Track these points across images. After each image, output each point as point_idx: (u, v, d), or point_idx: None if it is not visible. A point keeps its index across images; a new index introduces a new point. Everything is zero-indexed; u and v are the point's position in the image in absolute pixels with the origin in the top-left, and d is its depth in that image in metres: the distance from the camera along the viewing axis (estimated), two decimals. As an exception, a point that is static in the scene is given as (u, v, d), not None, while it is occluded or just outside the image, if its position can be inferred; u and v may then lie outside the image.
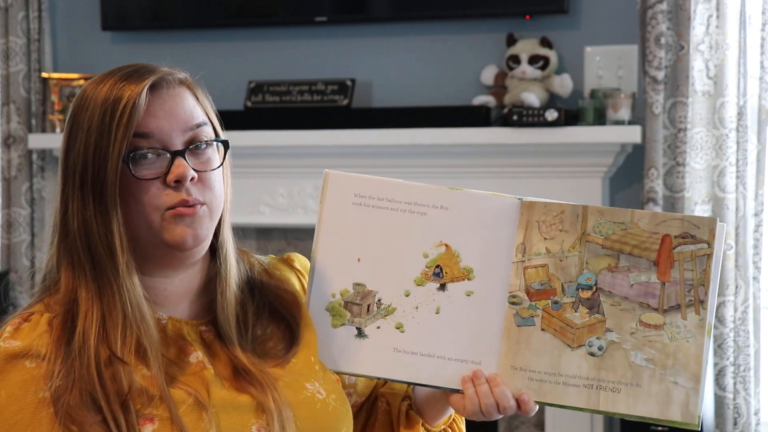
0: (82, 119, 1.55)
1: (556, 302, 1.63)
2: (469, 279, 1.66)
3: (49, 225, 4.53)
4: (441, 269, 1.67)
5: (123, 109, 1.53)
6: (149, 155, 1.55)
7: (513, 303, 1.64)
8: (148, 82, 1.55)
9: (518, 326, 1.64)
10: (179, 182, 1.55)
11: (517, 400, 1.63)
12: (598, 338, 1.62)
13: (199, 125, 1.59)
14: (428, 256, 1.67)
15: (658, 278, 1.61)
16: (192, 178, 1.56)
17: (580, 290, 1.63)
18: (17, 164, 4.55)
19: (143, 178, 1.54)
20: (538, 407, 1.64)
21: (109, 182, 1.52)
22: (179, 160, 1.55)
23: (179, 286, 1.63)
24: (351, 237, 1.68)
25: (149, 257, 1.59)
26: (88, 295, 1.53)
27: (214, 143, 1.61)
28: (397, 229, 1.67)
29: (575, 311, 1.63)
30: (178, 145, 1.56)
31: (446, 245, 1.67)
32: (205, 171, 1.58)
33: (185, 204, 1.55)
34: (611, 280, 1.62)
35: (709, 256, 1.60)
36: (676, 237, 1.61)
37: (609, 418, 4.06)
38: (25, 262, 4.56)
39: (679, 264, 1.61)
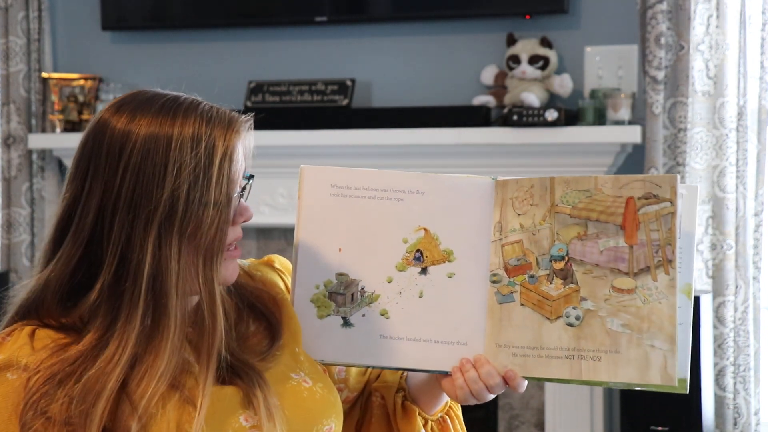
0: (158, 158, 1.50)
1: (532, 276, 1.63)
2: (449, 261, 1.66)
3: (49, 225, 4.53)
4: (421, 253, 1.67)
5: (223, 157, 1.52)
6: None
7: (494, 281, 1.64)
8: (240, 130, 1.55)
9: (500, 304, 1.64)
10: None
11: (504, 378, 1.62)
12: (574, 308, 1.61)
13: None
14: (408, 241, 1.67)
15: (625, 242, 1.60)
16: None
17: (553, 262, 1.62)
18: (17, 164, 4.56)
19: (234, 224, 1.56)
20: (526, 383, 1.63)
21: (204, 228, 1.51)
22: (243, 202, 1.57)
23: None
24: (331, 228, 1.68)
25: None
26: (124, 338, 1.49)
27: None
28: (376, 217, 1.67)
29: (550, 283, 1.62)
30: None
31: (425, 229, 1.67)
32: None
33: (238, 240, 1.57)
34: (582, 248, 1.61)
35: (673, 214, 1.59)
36: (639, 198, 1.60)
37: (609, 418, 4.05)
38: (25, 262, 4.56)
39: (644, 225, 1.59)
